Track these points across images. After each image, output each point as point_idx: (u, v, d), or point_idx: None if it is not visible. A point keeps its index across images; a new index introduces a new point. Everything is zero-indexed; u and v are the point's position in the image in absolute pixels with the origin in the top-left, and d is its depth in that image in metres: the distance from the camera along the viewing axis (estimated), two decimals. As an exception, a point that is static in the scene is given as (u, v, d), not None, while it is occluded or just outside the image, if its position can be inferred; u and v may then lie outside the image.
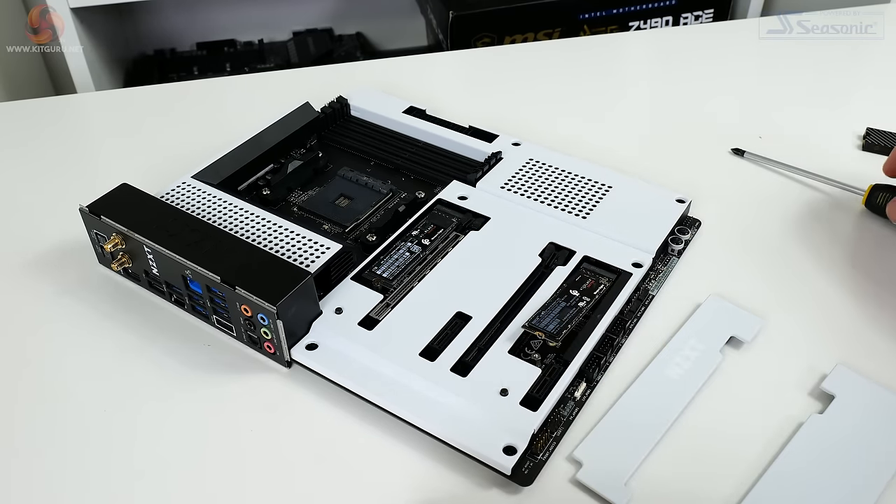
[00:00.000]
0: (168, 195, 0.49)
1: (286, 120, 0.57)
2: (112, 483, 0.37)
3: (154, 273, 0.45)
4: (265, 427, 0.39)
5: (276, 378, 0.41)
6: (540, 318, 0.42)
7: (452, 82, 0.73)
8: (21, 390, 0.41)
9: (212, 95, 0.68)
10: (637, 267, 0.45)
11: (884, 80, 0.69)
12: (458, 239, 0.48)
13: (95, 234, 0.46)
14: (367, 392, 0.39)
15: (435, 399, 0.38)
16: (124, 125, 0.64)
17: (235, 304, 0.41)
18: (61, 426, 0.39)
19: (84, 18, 1.04)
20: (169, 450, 0.38)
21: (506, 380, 0.39)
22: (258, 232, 0.46)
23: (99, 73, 1.09)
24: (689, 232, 0.50)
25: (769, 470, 0.36)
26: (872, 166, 0.57)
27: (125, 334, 0.44)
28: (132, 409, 0.40)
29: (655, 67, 0.72)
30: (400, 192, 0.53)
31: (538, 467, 0.36)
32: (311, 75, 0.75)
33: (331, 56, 1.29)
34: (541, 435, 0.38)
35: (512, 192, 0.51)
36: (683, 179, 0.55)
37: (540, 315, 0.42)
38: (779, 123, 0.63)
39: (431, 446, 0.38)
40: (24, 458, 0.38)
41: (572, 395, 0.40)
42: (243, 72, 1.26)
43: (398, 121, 0.59)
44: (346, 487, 0.36)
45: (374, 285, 0.44)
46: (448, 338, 0.41)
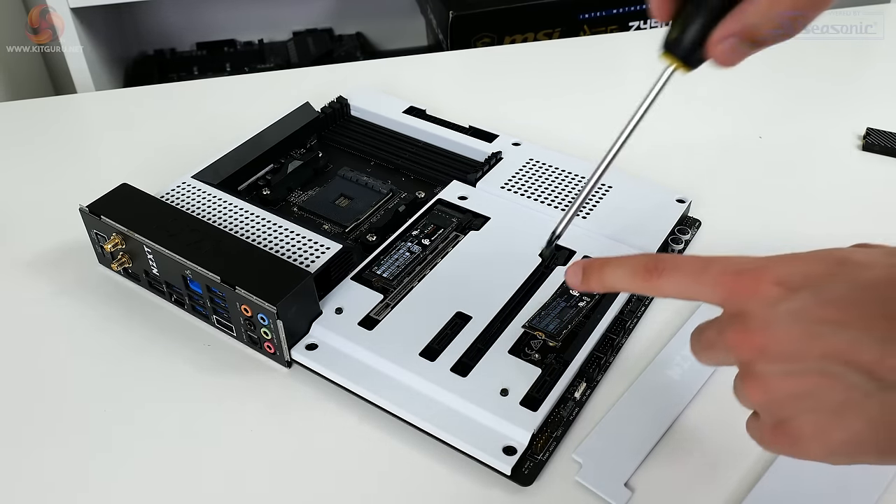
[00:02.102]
0: (168, 195, 0.49)
1: (286, 120, 0.57)
2: (112, 482, 0.36)
3: (154, 273, 0.45)
4: (265, 427, 0.39)
5: (276, 378, 0.41)
6: (540, 318, 0.42)
7: (452, 82, 0.73)
8: (21, 390, 0.41)
9: (212, 95, 0.68)
10: (637, 267, 0.45)
11: (884, 80, 0.69)
12: (458, 239, 0.48)
13: (95, 234, 0.46)
14: (367, 392, 0.39)
15: (435, 399, 0.38)
16: (124, 125, 0.64)
17: (235, 304, 0.41)
18: (61, 426, 0.39)
19: (84, 18, 1.04)
20: (169, 450, 0.38)
21: (506, 380, 0.39)
22: (258, 232, 0.46)
23: (99, 73, 1.09)
24: (690, 232, 0.50)
25: (769, 470, 0.36)
26: (872, 166, 0.57)
27: (125, 334, 0.44)
28: (132, 409, 0.40)
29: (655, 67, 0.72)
30: (400, 192, 0.53)
31: (538, 467, 0.36)
32: (311, 75, 0.75)
33: (331, 56, 1.29)
34: (541, 435, 0.38)
35: (512, 192, 0.51)
36: (683, 179, 0.55)
37: (540, 315, 0.42)
38: (779, 123, 0.63)
39: (431, 446, 0.38)
40: (25, 458, 0.38)
41: (572, 395, 0.40)
42: (243, 72, 1.26)
43: (398, 121, 0.59)
44: (345, 487, 0.36)
45: (374, 285, 0.44)
46: (448, 338, 0.41)
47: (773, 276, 0.29)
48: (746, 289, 0.30)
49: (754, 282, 0.30)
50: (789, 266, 0.30)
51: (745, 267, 0.31)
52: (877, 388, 0.26)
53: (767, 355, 0.29)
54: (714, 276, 0.31)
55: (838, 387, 0.27)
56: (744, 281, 0.30)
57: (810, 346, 0.28)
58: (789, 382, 0.28)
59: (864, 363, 0.27)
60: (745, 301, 0.30)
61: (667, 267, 0.32)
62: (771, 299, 0.29)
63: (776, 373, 0.29)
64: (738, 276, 0.30)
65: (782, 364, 0.28)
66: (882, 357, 0.26)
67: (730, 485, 0.36)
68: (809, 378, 0.28)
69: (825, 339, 0.27)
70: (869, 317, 0.27)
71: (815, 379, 0.28)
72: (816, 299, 0.28)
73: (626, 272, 0.34)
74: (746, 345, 0.29)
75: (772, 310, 0.29)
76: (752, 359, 0.29)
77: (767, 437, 0.30)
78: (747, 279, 0.30)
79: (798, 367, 0.28)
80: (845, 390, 0.27)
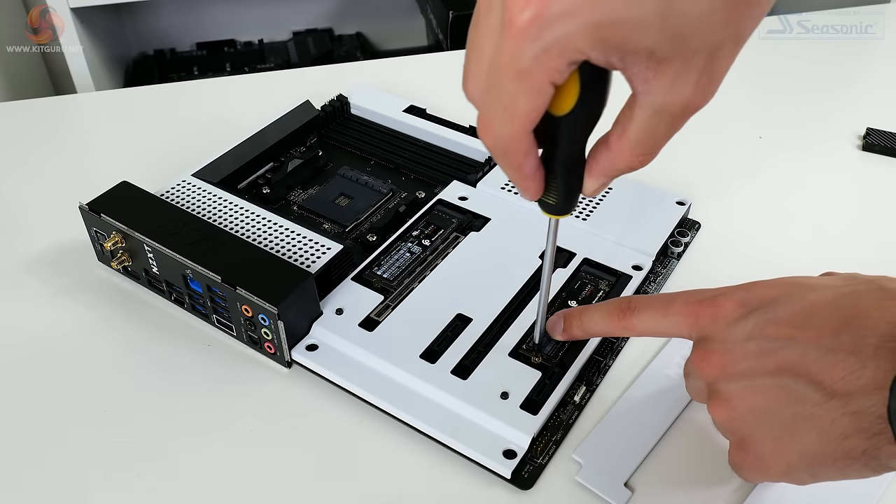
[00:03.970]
0: (168, 193, 0.49)
1: (286, 118, 0.57)
2: (112, 482, 0.36)
3: (154, 272, 0.45)
4: (265, 427, 0.39)
5: (276, 378, 0.41)
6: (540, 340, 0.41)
7: (452, 82, 0.72)
8: (21, 389, 0.41)
9: (212, 95, 0.68)
10: (637, 269, 0.45)
11: (884, 80, 0.69)
12: (459, 240, 0.48)
13: (95, 233, 0.46)
14: (367, 393, 0.39)
15: (435, 401, 0.38)
16: (124, 125, 0.64)
17: (236, 304, 0.41)
18: (61, 426, 0.39)
19: (84, 18, 1.04)
20: (168, 450, 0.38)
21: (506, 383, 0.39)
22: (258, 231, 0.46)
23: (99, 73, 1.09)
24: (689, 234, 0.50)
25: (769, 471, 0.36)
26: (872, 166, 0.57)
27: (125, 333, 0.44)
28: (132, 409, 0.40)
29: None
30: (400, 191, 0.53)
31: (538, 471, 0.36)
32: (311, 75, 0.75)
33: (331, 56, 1.29)
34: (541, 438, 0.37)
35: (512, 192, 0.51)
36: (683, 181, 0.55)
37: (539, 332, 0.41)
38: (779, 123, 0.63)
39: (431, 449, 0.38)
40: (25, 458, 0.38)
41: (572, 399, 0.40)
42: (243, 72, 1.26)
43: (398, 120, 0.59)
44: (345, 488, 0.36)
45: (375, 286, 0.44)
46: (448, 340, 0.41)
47: (732, 299, 0.31)
48: (707, 314, 0.32)
49: (714, 306, 0.32)
50: (747, 290, 0.32)
51: (706, 295, 0.32)
52: (825, 398, 0.28)
53: (727, 373, 0.31)
54: (678, 308, 0.33)
55: (791, 399, 0.29)
56: (705, 307, 0.32)
57: (764, 361, 0.29)
58: (748, 398, 0.30)
59: (813, 374, 0.28)
60: (707, 326, 0.32)
61: (638, 306, 0.34)
62: (729, 320, 0.31)
63: (736, 389, 0.30)
64: (700, 304, 0.32)
65: (740, 380, 0.30)
66: (828, 367, 0.28)
67: (730, 485, 0.36)
68: (766, 393, 0.29)
69: (777, 354, 0.29)
70: (817, 331, 0.28)
71: (771, 393, 0.29)
72: (769, 317, 0.30)
73: (601, 316, 0.36)
74: (708, 365, 0.31)
75: (730, 330, 0.31)
76: (715, 378, 0.31)
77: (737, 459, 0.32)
78: (708, 305, 0.32)
79: (755, 383, 0.30)
80: (797, 403, 0.28)
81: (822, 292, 0.30)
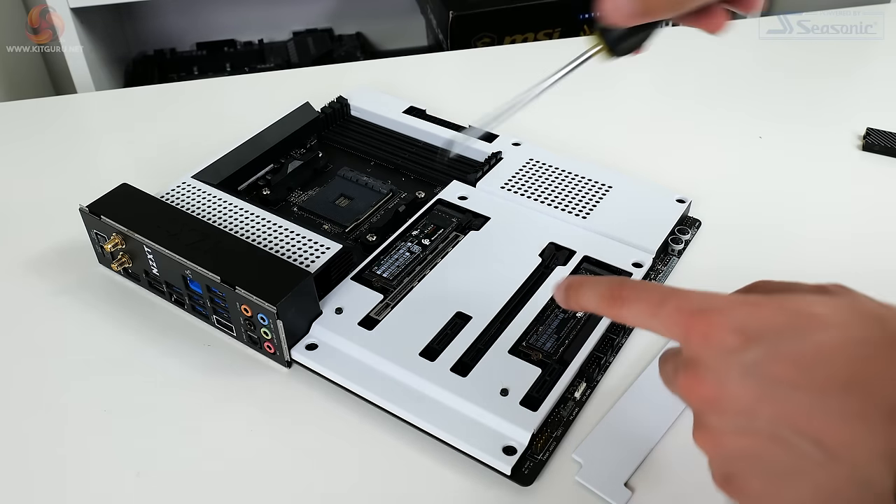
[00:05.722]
0: (168, 195, 0.49)
1: (286, 120, 0.57)
2: (112, 482, 0.36)
3: (154, 273, 0.45)
4: (265, 427, 0.39)
5: (276, 378, 0.41)
6: (537, 336, 0.41)
7: (452, 82, 0.73)
8: (21, 390, 0.41)
9: (212, 95, 0.68)
10: (637, 267, 0.45)
11: (884, 80, 0.69)
12: (458, 239, 0.48)
13: (95, 234, 0.46)
14: (366, 392, 0.39)
15: (435, 399, 0.38)
16: (124, 125, 0.64)
17: (235, 304, 0.41)
18: (61, 426, 0.39)
19: (84, 18, 1.04)
20: (168, 450, 0.38)
21: (506, 380, 0.39)
22: (258, 232, 0.46)
23: (99, 73, 1.09)
24: (690, 232, 0.50)
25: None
26: (872, 166, 0.57)
27: (125, 334, 0.44)
28: (132, 409, 0.40)
29: (655, 67, 0.72)
30: (400, 192, 0.53)
31: (538, 467, 0.36)
32: (311, 75, 0.75)
33: (331, 56, 1.29)
34: (541, 435, 0.38)
35: (512, 192, 0.51)
36: (683, 179, 0.55)
37: (537, 331, 0.42)
38: (779, 123, 0.63)
39: (431, 446, 0.38)
40: (25, 458, 0.38)
41: (572, 395, 0.40)
42: (243, 72, 1.26)
43: (398, 121, 0.59)
44: (345, 487, 0.36)
45: (374, 285, 0.44)
46: (448, 338, 0.41)
47: (730, 322, 0.28)
48: (700, 334, 0.28)
49: (709, 326, 0.28)
50: (747, 313, 0.28)
51: (701, 306, 0.29)
52: (826, 460, 0.26)
53: (718, 409, 0.28)
54: (669, 313, 0.30)
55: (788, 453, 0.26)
56: (698, 324, 0.29)
57: (762, 405, 0.27)
58: (739, 441, 0.28)
59: (816, 433, 0.26)
60: (699, 347, 0.28)
61: (629, 296, 0.31)
62: (725, 349, 0.28)
63: (727, 428, 0.28)
64: (693, 318, 0.29)
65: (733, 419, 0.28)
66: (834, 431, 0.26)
67: (730, 485, 0.36)
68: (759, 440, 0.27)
69: (778, 402, 0.26)
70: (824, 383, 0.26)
71: (765, 442, 0.27)
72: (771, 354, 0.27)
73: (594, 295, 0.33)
74: (698, 395, 0.28)
75: (725, 361, 0.28)
76: (703, 409, 0.29)
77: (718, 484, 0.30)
78: (702, 323, 0.28)
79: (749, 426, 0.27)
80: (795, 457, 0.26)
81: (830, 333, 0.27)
